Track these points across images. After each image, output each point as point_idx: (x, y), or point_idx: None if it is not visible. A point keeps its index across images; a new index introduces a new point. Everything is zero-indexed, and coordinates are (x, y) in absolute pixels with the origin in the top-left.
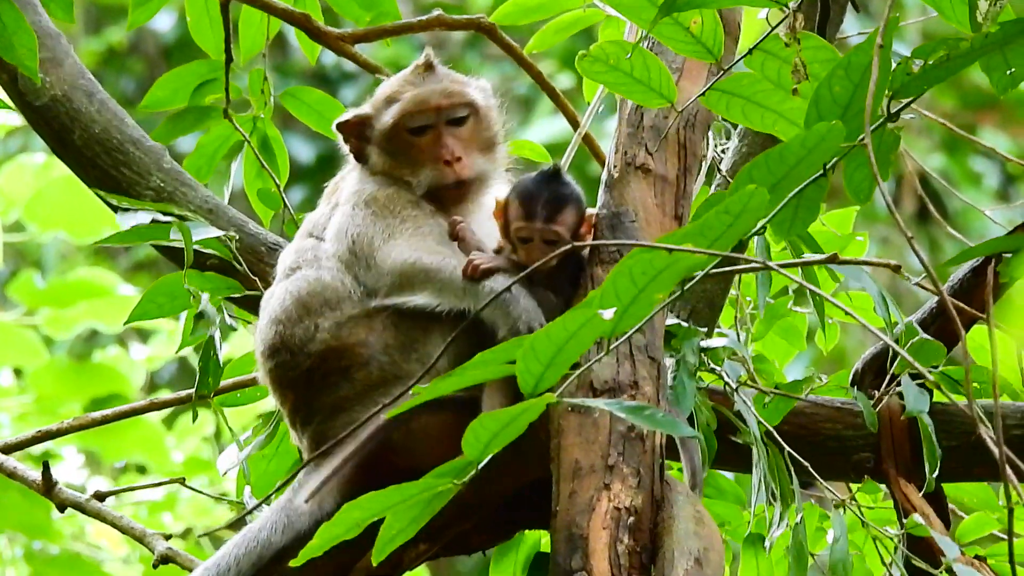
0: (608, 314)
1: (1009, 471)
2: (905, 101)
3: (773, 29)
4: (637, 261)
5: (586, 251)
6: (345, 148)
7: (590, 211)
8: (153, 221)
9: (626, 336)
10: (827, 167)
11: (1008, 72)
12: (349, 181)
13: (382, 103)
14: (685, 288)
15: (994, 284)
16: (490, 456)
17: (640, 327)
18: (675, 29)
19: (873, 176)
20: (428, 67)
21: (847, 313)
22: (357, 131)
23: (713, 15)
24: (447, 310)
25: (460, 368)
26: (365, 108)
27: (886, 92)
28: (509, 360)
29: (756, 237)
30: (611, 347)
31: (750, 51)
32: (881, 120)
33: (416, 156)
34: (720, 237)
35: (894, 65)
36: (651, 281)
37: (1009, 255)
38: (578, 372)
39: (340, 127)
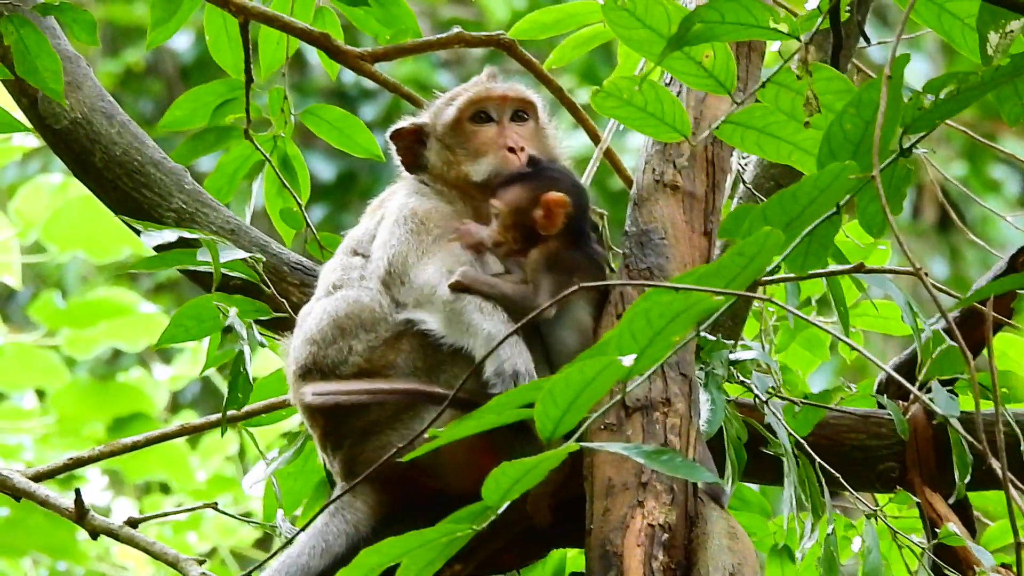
0: (628, 360)
1: (1013, 492)
2: (917, 136)
3: (786, 62)
4: (654, 304)
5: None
6: (397, 159)
7: (555, 195)
8: (180, 239)
9: (650, 372)
10: (840, 206)
11: (1020, 103)
12: (397, 196)
13: (442, 104)
14: (701, 329)
15: (997, 310)
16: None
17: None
18: (687, 63)
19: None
20: (493, 76)
21: (851, 347)
22: (412, 138)
23: (725, 48)
24: (450, 344)
25: (477, 412)
26: (421, 117)
27: (899, 127)
28: (526, 404)
29: None
30: (628, 390)
31: (763, 84)
32: (895, 155)
33: (478, 146)
34: (736, 277)
35: (906, 99)
36: (668, 324)
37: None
38: (596, 415)
39: (395, 135)
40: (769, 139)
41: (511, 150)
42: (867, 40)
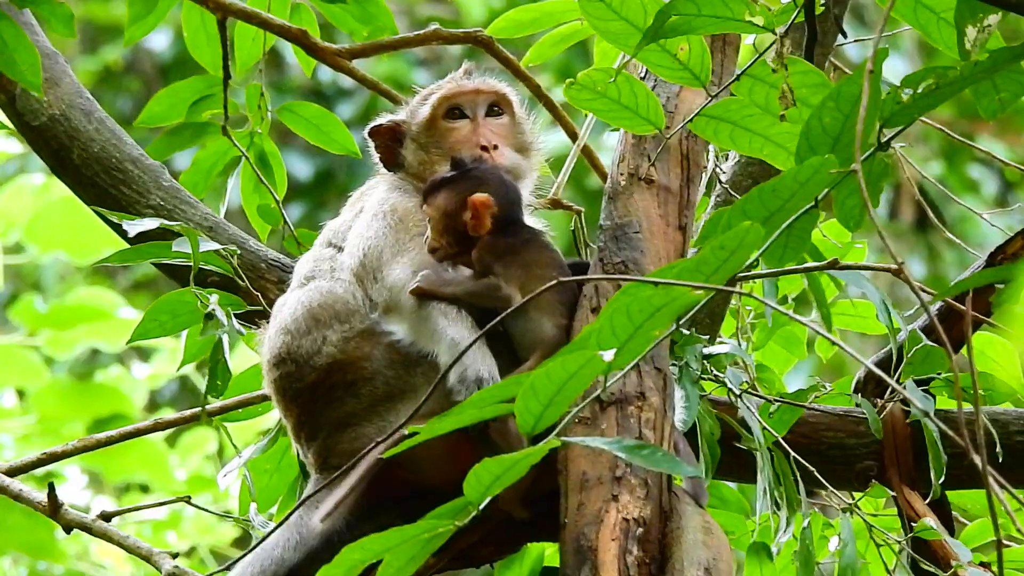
0: (608, 355)
1: (995, 486)
2: (896, 130)
3: (760, 55)
4: (635, 299)
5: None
6: (375, 156)
7: (480, 196)
8: (159, 229)
9: (629, 367)
10: (818, 199)
11: (997, 97)
12: (377, 191)
13: (418, 102)
14: (680, 323)
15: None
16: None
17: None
18: (662, 56)
19: (863, 203)
20: (467, 73)
21: (832, 341)
22: (390, 135)
23: (700, 41)
24: (418, 352)
25: (458, 407)
26: (399, 115)
27: (877, 121)
28: (507, 399)
29: None
30: (607, 384)
31: (737, 77)
32: (872, 149)
33: (452, 145)
34: (716, 272)
35: (884, 94)
36: (648, 318)
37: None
38: (575, 411)
39: (372, 132)
40: (743, 132)
41: (484, 149)
42: (844, 34)
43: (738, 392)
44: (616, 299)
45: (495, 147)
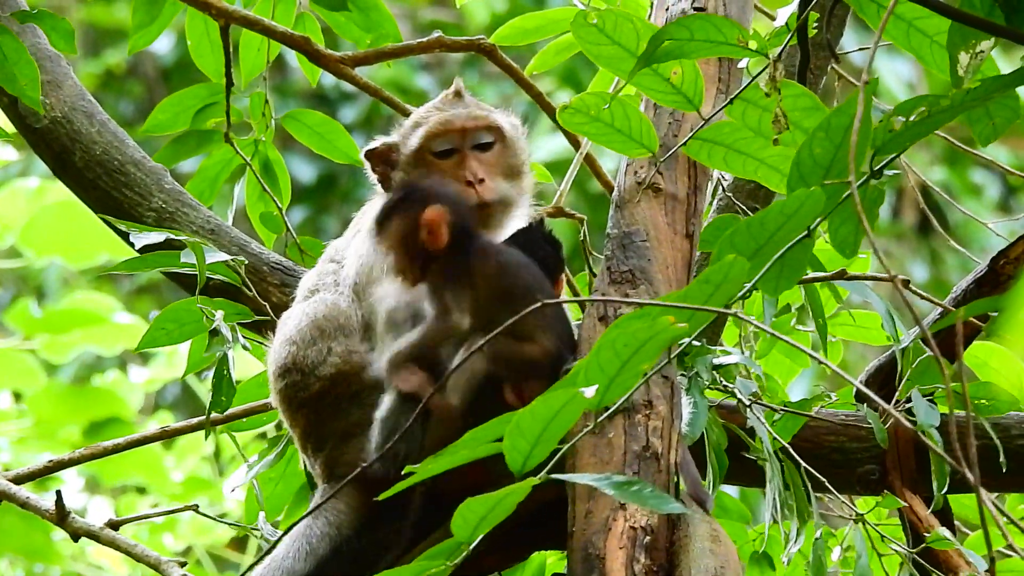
0: (589, 392)
1: (987, 502)
2: (888, 158)
3: (754, 79)
4: (620, 333)
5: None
6: (372, 177)
7: (432, 212)
8: (167, 240)
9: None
10: (810, 229)
11: (991, 123)
12: (375, 209)
13: (409, 128)
14: (672, 357)
15: (964, 332)
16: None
17: None
18: (655, 79)
19: (860, 230)
20: (457, 95)
21: (820, 362)
22: (384, 158)
23: (693, 65)
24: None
25: (450, 447)
26: (393, 136)
27: (869, 149)
28: (496, 438)
29: None
30: (599, 419)
31: (730, 100)
32: (865, 177)
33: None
34: (703, 305)
35: (877, 120)
36: (635, 353)
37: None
38: (567, 446)
39: (368, 155)
40: (736, 155)
41: (470, 184)
42: (836, 58)
43: (748, 403)
44: (604, 334)
45: (481, 181)
